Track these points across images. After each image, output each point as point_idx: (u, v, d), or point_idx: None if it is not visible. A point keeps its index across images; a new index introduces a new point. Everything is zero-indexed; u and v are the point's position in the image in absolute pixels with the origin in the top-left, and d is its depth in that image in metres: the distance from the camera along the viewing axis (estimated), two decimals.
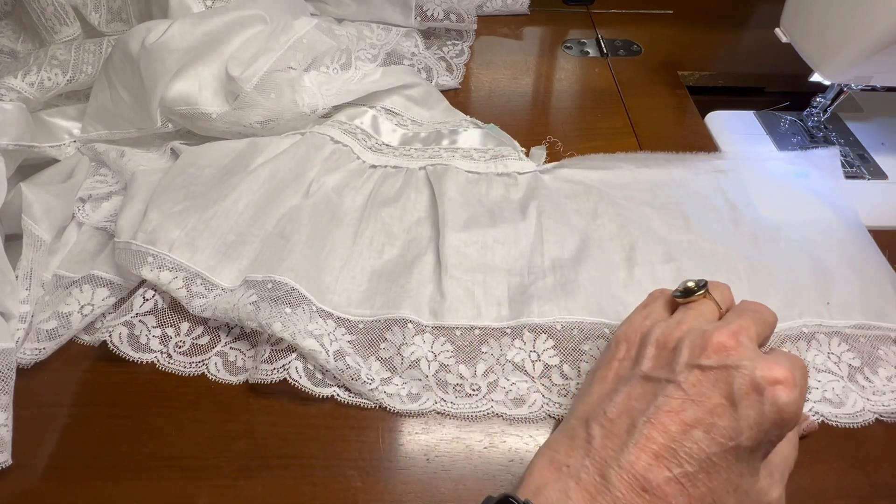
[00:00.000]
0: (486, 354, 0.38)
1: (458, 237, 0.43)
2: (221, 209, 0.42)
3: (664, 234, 0.45)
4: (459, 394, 0.36)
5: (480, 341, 0.38)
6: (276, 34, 0.49)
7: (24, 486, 0.32)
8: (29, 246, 0.40)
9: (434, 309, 0.39)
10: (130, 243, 0.39)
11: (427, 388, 0.36)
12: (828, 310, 0.40)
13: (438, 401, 0.36)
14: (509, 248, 0.44)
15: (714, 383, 0.26)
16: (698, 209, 0.47)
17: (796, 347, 0.38)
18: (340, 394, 0.36)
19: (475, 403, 0.36)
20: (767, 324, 0.30)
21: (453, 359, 0.37)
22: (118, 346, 0.37)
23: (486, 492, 0.32)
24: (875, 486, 0.33)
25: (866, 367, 0.37)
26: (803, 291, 0.41)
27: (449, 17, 0.65)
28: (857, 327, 0.39)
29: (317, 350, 0.35)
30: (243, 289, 0.38)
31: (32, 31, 0.53)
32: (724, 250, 0.44)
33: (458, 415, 0.35)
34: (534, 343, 0.38)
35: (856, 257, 0.43)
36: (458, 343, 0.38)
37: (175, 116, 0.47)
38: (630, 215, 0.46)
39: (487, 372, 0.37)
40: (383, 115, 0.54)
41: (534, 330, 0.38)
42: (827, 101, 0.54)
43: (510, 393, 0.36)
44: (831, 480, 0.33)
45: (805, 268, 0.43)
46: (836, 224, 0.46)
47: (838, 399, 0.36)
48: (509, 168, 0.50)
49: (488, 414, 0.35)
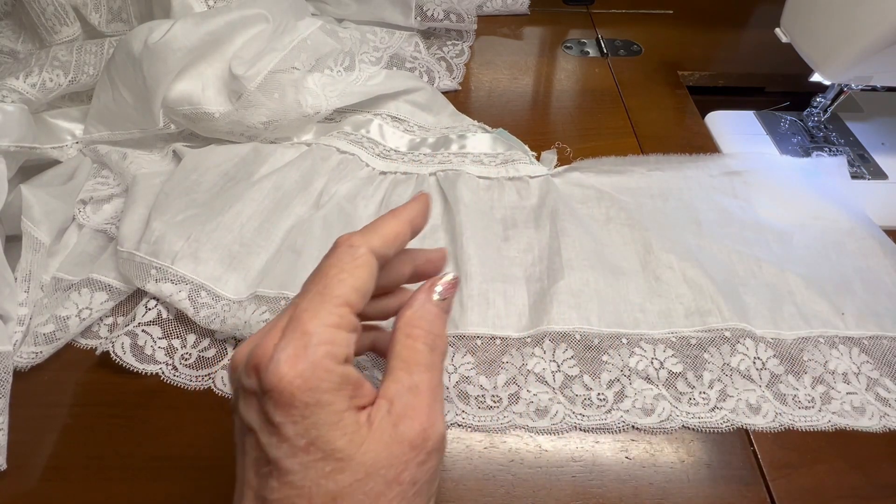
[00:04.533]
0: (508, 365, 0.37)
1: (475, 246, 0.42)
2: (225, 220, 0.42)
3: (677, 238, 0.45)
4: (481, 406, 0.36)
5: (501, 352, 0.38)
6: (280, 34, 0.49)
7: (25, 487, 0.32)
8: (28, 248, 0.40)
9: (454, 320, 0.39)
10: (134, 255, 0.39)
11: (448, 400, 0.36)
12: (843, 320, 0.40)
13: (459, 413, 0.35)
14: (526, 255, 0.43)
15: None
16: (711, 213, 0.47)
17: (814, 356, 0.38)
18: None
19: (496, 416, 0.35)
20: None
21: (474, 370, 0.37)
22: (121, 356, 0.36)
23: (486, 492, 0.32)
24: (875, 486, 0.33)
25: (885, 377, 0.37)
26: (818, 299, 0.41)
27: (449, 17, 0.65)
28: (873, 338, 0.39)
29: None
30: (254, 304, 0.38)
31: (32, 31, 0.53)
32: (737, 255, 0.44)
33: (480, 428, 0.35)
34: (553, 352, 0.37)
35: (870, 265, 0.43)
36: (479, 354, 0.37)
37: (178, 117, 0.47)
38: (643, 220, 0.46)
39: (509, 383, 0.37)
40: (389, 122, 0.54)
41: (554, 339, 0.38)
42: (827, 101, 0.54)
43: (532, 405, 0.36)
44: (831, 480, 0.33)
45: (819, 274, 0.43)
46: (849, 230, 0.46)
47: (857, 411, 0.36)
48: (520, 172, 0.50)
49: (510, 426, 0.35)
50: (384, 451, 0.21)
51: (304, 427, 0.20)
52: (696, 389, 0.36)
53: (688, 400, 0.36)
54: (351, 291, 0.22)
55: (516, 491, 0.33)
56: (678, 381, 0.37)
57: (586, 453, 0.34)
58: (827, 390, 0.37)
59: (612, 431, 0.35)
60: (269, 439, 0.20)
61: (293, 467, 0.20)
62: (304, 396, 0.20)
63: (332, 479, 0.20)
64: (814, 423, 0.35)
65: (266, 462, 0.21)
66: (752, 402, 0.36)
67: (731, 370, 0.37)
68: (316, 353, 0.21)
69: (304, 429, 0.20)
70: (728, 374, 0.37)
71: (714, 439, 0.35)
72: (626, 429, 0.35)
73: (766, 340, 0.38)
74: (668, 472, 0.33)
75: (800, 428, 0.35)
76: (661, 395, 0.36)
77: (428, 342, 0.24)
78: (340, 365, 0.21)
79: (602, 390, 0.36)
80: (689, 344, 0.38)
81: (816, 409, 0.36)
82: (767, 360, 0.38)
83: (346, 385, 0.21)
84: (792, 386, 0.37)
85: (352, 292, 0.22)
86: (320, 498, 0.20)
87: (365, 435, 0.21)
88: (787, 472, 0.33)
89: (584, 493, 0.32)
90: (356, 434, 0.21)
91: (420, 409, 0.22)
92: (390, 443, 0.21)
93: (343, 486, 0.20)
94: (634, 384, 0.37)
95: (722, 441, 0.35)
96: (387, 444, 0.21)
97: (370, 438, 0.21)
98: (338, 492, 0.20)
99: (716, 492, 0.33)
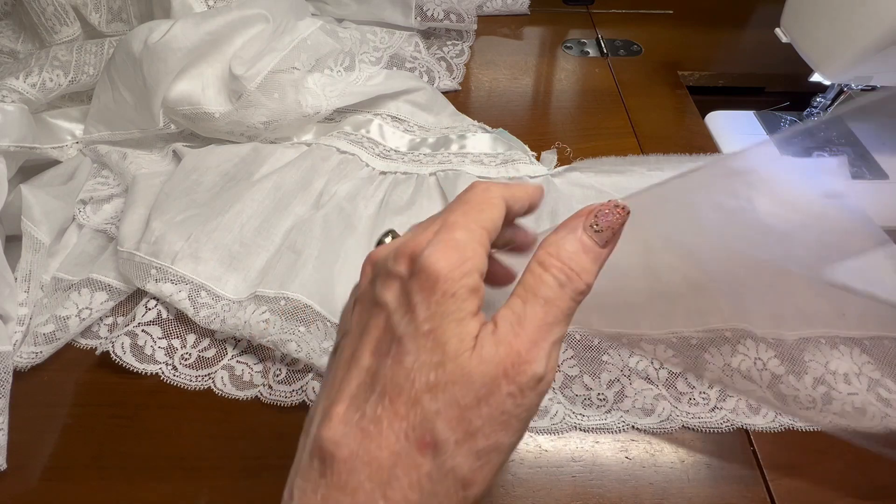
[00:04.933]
0: None
1: None
2: (225, 220, 0.42)
3: (678, 238, 0.45)
4: None
5: None
6: (280, 34, 0.49)
7: (25, 487, 0.32)
8: (28, 248, 0.40)
9: None
10: (134, 255, 0.39)
11: None
12: (844, 320, 0.40)
13: None
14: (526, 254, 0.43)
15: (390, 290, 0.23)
16: (711, 213, 0.47)
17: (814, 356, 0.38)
18: None
19: None
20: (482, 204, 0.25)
21: None
22: (121, 356, 0.36)
23: None
24: (875, 486, 0.33)
25: (886, 378, 0.37)
26: (819, 299, 0.41)
27: (449, 17, 0.65)
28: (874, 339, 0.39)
29: None
30: (254, 304, 0.38)
31: (32, 31, 0.53)
32: (738, 255, 0.43)
33: None
34: None
35: (871, 266, 0.43)
36: None
37: (178, 117, 0.47)
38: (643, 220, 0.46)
39: None
40: (389, 122, 0.54)
41: None
42: (827, 101, 0.54)
43: None
44: (831, 480, 0.33)
45: (820, 274, 0.42)
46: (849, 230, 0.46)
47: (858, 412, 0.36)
48: (520, 172, 0.50)
49: None
50: (478, 367, 0.21)
51: (433, 313, 0.21)
52: (696, 389, 0.36)
53: (688, 400, 0.36)
54: (489, 220, 0.24)
55: (516, 491, 0.33)
56: (678, 381, 0.37)
57: (586, 453, 0.34)
58: (828, 391, 0.37)
59: (612, 431, 0.35)
60: (402, 317, 0.22)
61: (411, 348, 0.21)
62: (446, 285, 0.21)
63: (434, 372, 0.21)
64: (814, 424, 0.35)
65: (390, 340, 0.22)
66: (752, 403, 0.36)
67: (731, 370, 0.37)
68: (465, 253, 0.22)
69: (432, 314, 0.21)
70: (728, 374, 0.37)
71: (714, 439, 0.35)
72: (626, 429, 0.35)
73: (766, 341, 0.38)
74: (668, 472, 0.33)
75: (800, 428, 0.35)
76: (661, 395, 0.36)
77: (559, 276, 0.24)
78: (478, 272, 0.22)
79: (602, 390, 0.36)
80: (690, 344, 0.38)
81: (817, 409, 0.36)
82: (768, 360, 0.38)
83: (477, 293, 0.22)
84: (792, 386, 0.37)
85: (489, 221, 0.24)
86: (420, 384, 0.21)
87: (469, 345, 0.21)
88: (787, 472, 0.33)
89: (584, 493, 0.32)
90: (465, 340, 0.21)
91: (518, 341, 0.22)
92: (483, 362, 0.21)
93: (441, 382, 0.21)
94: (634, 384, 0.37)
95: (722, 441, 0.35)
96: (481, 361, 0.21)
97: (473, 352, 0.21)
98: (436, 384, 0.21)
99: (716, 492, 0.33)
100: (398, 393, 0.21)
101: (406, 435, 0.20)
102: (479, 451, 0.21)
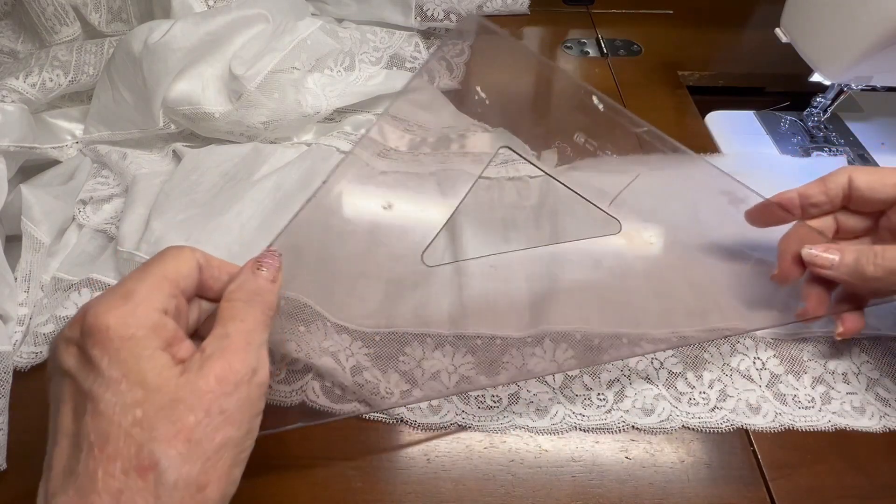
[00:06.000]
0: (508, 364, 0.37)
1: (475, 246, 0.42)
2: (225, 220, 0.42)
3: (678, 238, 0.45)
4: (481, 405, 0.36)
5: (501, 351, 0.37)
6: (280, 34, 0.49)
7: (25, 487, 0.32)
8: (28, 248, 0.40)
9: (454, 319, 0.39)
10: (134, 255, 0.39)
11: (448, 399, 0.36)
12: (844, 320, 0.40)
13: (460, 413, 0.35)
14: (526, 254, 0.43)
15: None
16: (711, 213, 0.47)
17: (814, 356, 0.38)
18: (361, 409, 0.35)
19: (496, 416, 0.35)
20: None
21: (474, 370, 0.37)
22: None
23: (486, 492, 0.32)
24: (875, 486, 0.33)
25: (885, 377, 0.37)
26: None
27: (449, 17, 0.65)
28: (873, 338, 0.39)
29: (333, 367, 0.35)
30: None
31: (32, 31, 0.53)
32: (738, 255, 0.43)
33: (480, 428, 0.35)
34: (553, 352, 0.37)
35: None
36: (479, 354, 0.37)
37: (178, 117, 0.47)
38: (644, 220, 0.46)
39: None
40: (389, 121, 0.54)
41: (554, 339, 0.38)
42: (827, 101, 0.54)
43: (532, 404, 0.36)
44: (831, 480, 0.33)
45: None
46: None
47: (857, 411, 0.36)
48: (520, 172, 0.50)
49: (510, 427, 0.35)
50: (189, 386, 0.23)
51: (117, 360, 0.22)
52: (696, 389, 0.36)
53: (688, 400, 0.36)
54: (170, 269, 0.26)
55: (516, 491, 0.33)
56: (678, 380, 0.37)
57: (586, 453, 0.34)
58: (827, 390, 0.37)
59: (612, 431, 0.35)
60: (87, 376, 0.22)
61: (105, 396, 0.22)
62: (120, 331, 0.22)
63: (140, 407, 0.22)
64: (814, 423, 0.35)
65: (83, 399, 0.22)
66: (752, 402, 0.36)
67: (731, 370, 0.37)
68: (135, 299, 0.23)
69: (117, 361, 0.22)
70: (728, 373, 0.37)
71: (714, 439, 0.35)
72: (626, 429, 0.35)
73: (766, 340, 0.38)
74: (668, 472, 0.33)
75: (800, 428, 0.35)
76: (661, 395, 0.36)
77: (244, 298, 0.26)
78: (156, 312, 0.24)
79: (602, 390, 0.36)
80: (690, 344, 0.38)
81: (816, 409, 0.36)
82: (767, 359, 0.38)
83: (161, 330, 0.24)
84: (792, 386, 0.37)
85: (171, 270, 0.26)
86: (127, 424, 0.21)
87: (176, 374, 0.23)
88: (787, 472, 0.33)
89: (584, 494, 0.32)
90: (166, 370, 0.23)
91: (229, 350, 0.24)
92: (196, 379, 0.23)
93: (149, 414, 0.22)
94: (634, 384, 0.37)
95: (722, 441, 0.35)
96: (193, 380, 0.23)
97: (180, 378, 0.23)
98: (144, 418, 0.22)
99: (716, 492, 0.33)
100: (105, 440, 0.21)
101: (124, 470, 0.21)
102: (206, 453, 0.22)
